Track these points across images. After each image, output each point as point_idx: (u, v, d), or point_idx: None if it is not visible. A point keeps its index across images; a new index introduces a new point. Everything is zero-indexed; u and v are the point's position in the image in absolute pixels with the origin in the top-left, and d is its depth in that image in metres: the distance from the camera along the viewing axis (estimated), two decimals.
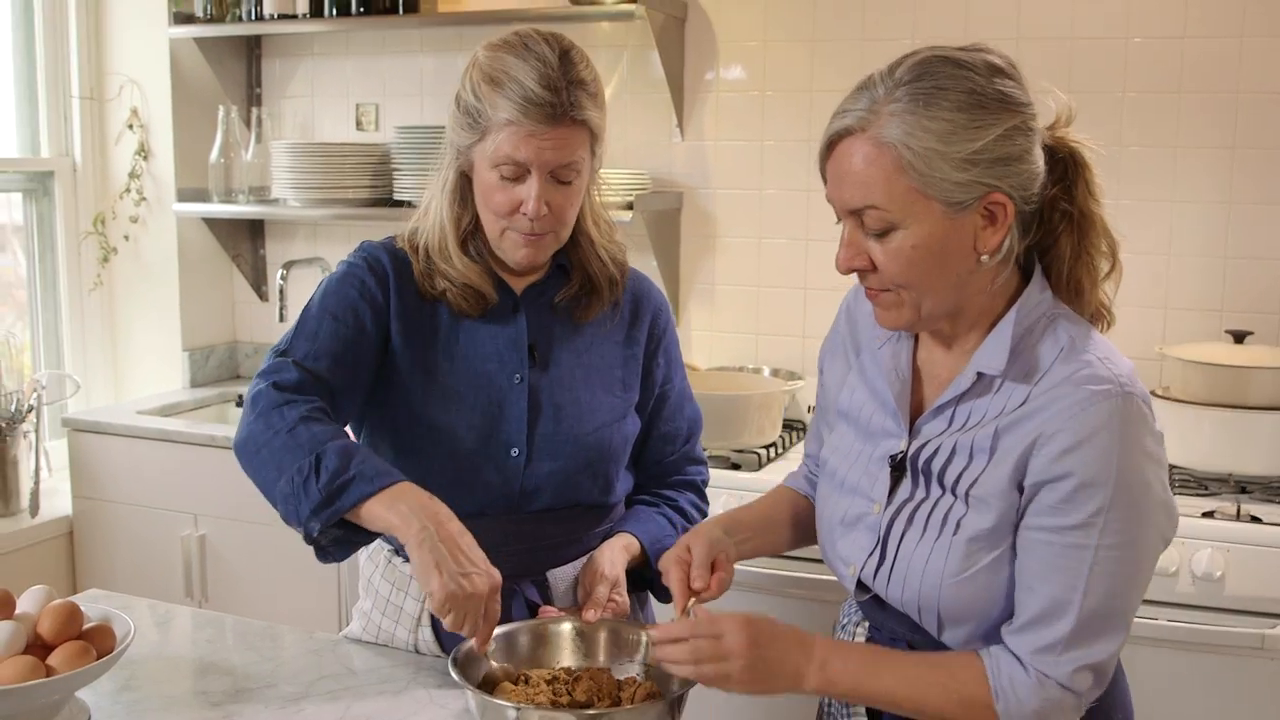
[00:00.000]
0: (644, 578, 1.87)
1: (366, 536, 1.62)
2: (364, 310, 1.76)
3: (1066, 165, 1.46)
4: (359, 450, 1.60)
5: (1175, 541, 2.34)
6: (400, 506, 1.54)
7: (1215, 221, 2.94)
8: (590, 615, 1.70)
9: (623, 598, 1.76)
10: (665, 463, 1.98)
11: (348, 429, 1.84)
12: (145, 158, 3.72)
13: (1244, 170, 2.90)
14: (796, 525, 1.77)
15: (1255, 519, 2.42)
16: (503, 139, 1.67)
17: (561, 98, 1.66)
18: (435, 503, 1.55)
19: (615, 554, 1.81)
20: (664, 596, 1.86)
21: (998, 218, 1.38)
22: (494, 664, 1.61)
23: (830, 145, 1.42)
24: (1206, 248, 2.95)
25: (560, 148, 1.68)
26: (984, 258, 1.40)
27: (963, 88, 1.35)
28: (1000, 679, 1.39)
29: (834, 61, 3.22)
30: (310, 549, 1.63)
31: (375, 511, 1.55)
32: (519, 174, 1.69)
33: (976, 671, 1.41)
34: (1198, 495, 2.58)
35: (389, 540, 1.87)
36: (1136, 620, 2.29)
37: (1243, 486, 2.63)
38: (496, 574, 1.53)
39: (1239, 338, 2.74)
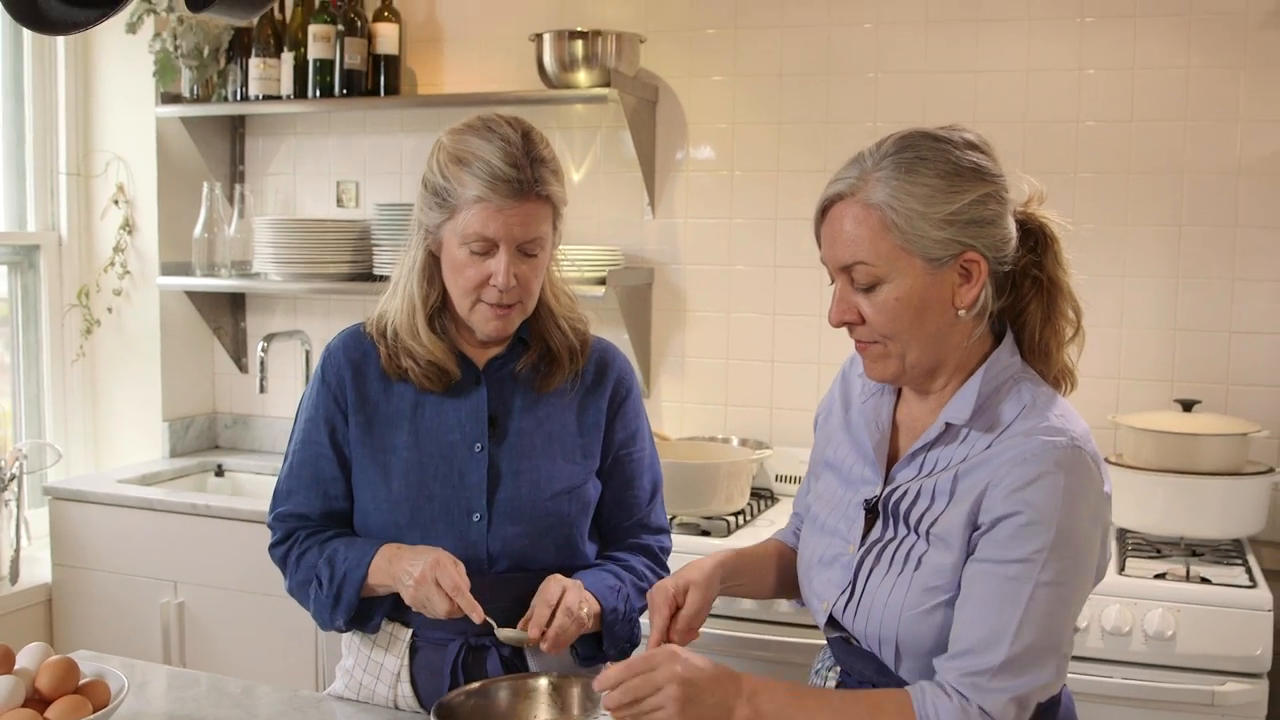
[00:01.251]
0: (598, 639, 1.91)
1: (385, 600, 1.89)
2: (322, 429, 1.95)
3: (1037, 238, 1.61)
4: (337, 551, 1.89)
5: (1128, 602, 2.43)
6: (381, 576, 1.84)
7: (1164, 295, 3.05)
8: (533, 633, 1.78)
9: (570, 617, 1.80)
10: (620, 528, 2.03)
11: None
12: (130, 232, 3.78)
13: (1190, 246, 3.02)
14: (781, 572, 1.87)
15: (1205, 580, 2.50)
16: (472, 216, 1.77)
17: (526, 174, 1.76)
18: (390, 555, 1.84)
19: (568, 587, 1.83)
20: (611, 644, 1.91)
21: (973, 275, 1.52)
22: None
23: (824, 210, 1.57)
24: (1156, 320, 3.06)
25: (527, 223, 1.79)
26: (961, 312, 1.54)
27: (941, 158, 1.51)
28: (925, 705, 1.47)
29: (800, 143, 3.34)
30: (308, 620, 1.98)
31: (374, 585, 1.85)
32: (488, 249, 1.79)
33: (902, 700, 1.49)
34: (1150, 558, 2.66)
35: None
36: (1091, 679, 2.40)
37: (1193, 549, 2.72)
38: (431, 555, 1.78)
39: (1187, 406, 2.84)
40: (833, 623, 1.65)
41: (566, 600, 1.79)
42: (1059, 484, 1.46)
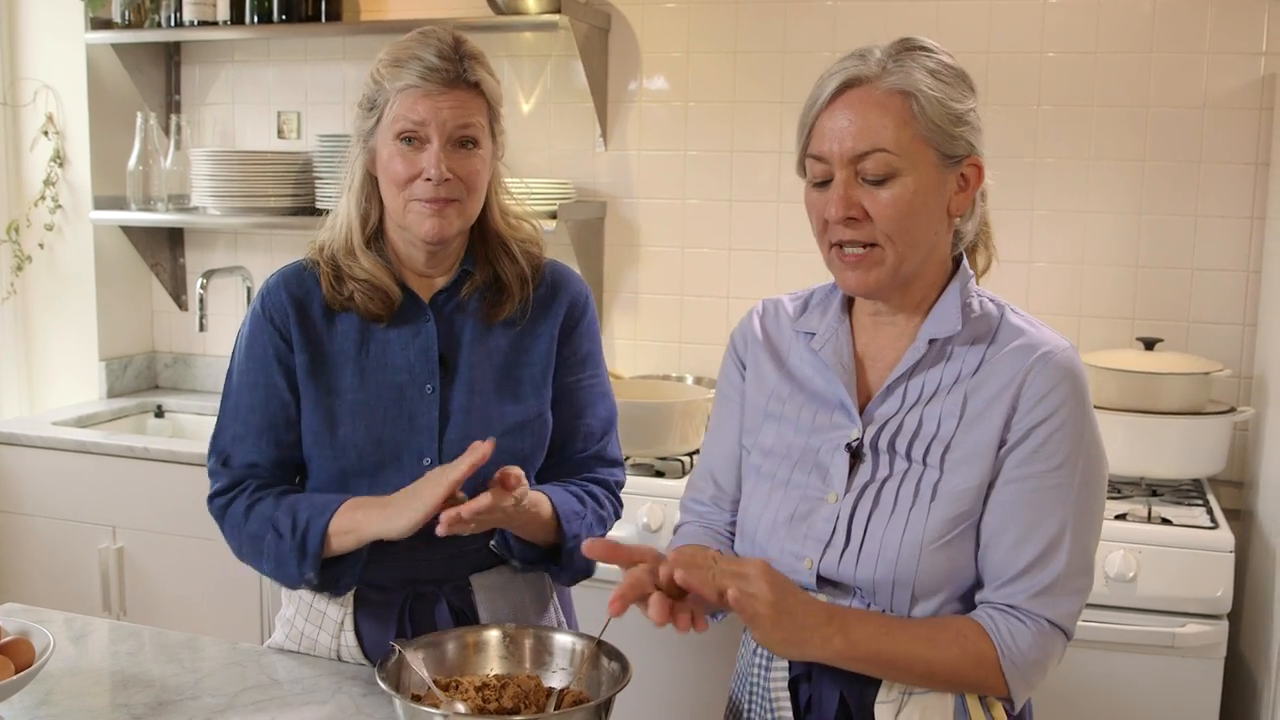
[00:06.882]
0: (544, 554, 1.83)
1: (358, 555, 1.77)
2: (273, 367, 1.84)
3: None
4: (298, 502, 1.78)
5: None
6: (358, 527, 1.72)
7: (1127, 231, 3.01)
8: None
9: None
10: (574, 459, 1.93)
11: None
12: (61, 165, 3.66)
13: (1154, 182, 2.98)
14: None
15: (1166, 521, 2.49)
16: (399, 103, 1.73)
17: (455, 66, 1.73)
18: (361, 502, 1.74)
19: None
20: (566, 571, 1.84)
21: (970, 181, 1.50)
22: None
23: (835, 95, 1.47)
24: (1118, 257, 3.02)
25: (457, 110, 1.74)
26: (956, 220, 1.51)
27: (946, 63, 1.49)
28: (1000, 634, 1.43)
29: (756, 73, 3.26)
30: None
31: (335, 534, 1.72)
32: (419, 137, 1.73)
33: (977, 629, 1.45)
34: (1110, 498, 2.64)
35: None
36: None
37: (1153, 489, 2.70)
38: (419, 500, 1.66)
39: (1149, 345, 2.81)
40: (819, 580, 1.56)
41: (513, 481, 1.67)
42: (1074, 387, 1.46)
